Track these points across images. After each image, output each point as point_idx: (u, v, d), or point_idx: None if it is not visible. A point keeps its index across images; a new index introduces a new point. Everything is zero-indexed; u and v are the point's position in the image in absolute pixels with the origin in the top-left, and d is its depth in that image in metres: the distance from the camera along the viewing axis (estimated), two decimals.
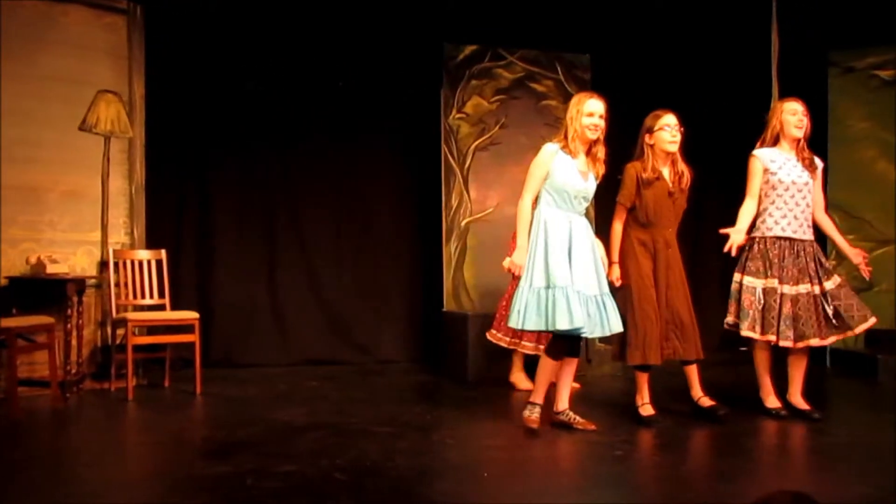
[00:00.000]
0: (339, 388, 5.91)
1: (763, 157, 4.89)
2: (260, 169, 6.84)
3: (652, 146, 4.75)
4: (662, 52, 7.41)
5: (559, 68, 7.18)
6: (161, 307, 5.96)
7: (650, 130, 4.75)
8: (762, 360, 4.98)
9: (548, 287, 4.34)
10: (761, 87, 6.86)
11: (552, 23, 7.13)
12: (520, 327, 4.45)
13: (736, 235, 4.78)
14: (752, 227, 4.98)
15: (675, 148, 4.72)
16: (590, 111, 4.47)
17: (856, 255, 4.99)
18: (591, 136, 4.49)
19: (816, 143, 6.82)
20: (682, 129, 4.74)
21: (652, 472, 4.04)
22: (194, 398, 5.56)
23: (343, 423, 4.72)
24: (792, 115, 4.88)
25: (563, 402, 4.67)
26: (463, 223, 7.02)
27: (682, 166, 4.80)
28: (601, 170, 4.58)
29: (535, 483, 3.83)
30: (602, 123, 4.49)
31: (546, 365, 4.54)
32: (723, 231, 4.81)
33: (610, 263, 4.81)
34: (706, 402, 4.88)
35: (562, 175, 4.44)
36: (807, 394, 5.04)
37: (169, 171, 6.55)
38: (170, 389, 5.84)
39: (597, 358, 6.36)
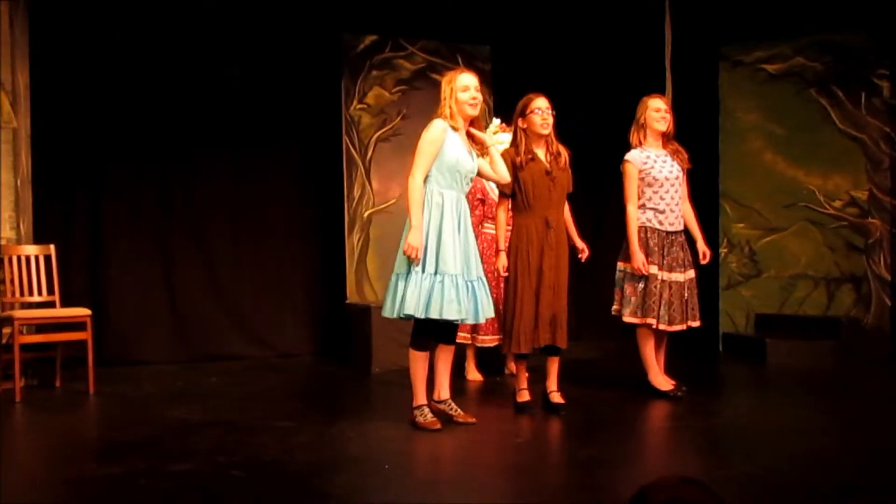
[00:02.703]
0: (239, 384, 5.81)
1: (636, 160, 5.12)
2: (154, 161, 6.64)
3: (525, 129, 4.75)
4: (561, 44, 7.51)
5: (460, 59, 7.20)
6: (51, 304, 5.74)
7: (522, 114, 4.74)
8: (648, 345, 5.15)
9: (435, 273, 4.24)
10: (656, 79, 7.04)
11: (452, 14, 7.15)
12: (419, 315, 4.23)
13: (639, 258, 5.01)
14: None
15: (546, 130, 4.71)
16: (464, 85, 4.37)
17: (702, 247, 5.25)
18: (471, 112, 4.40)
19: (707, 134, 7.10)
20: (553, 112, 4.73)
21: (550, 459, 4.11)
22: (87, 398, 5.37)
23: (242, 420, 4.64)
24: (655, 112, 5.15)
25: (444, 391, 4.60)
26: (365, 214, 6.99)
27: (556, 146, 4.79)
28: (483, 148, 4.51)
29: (437, 473, 3.85)
30: (480, 97, 4.42)
31: (417, 360, 4.41)
32: (627, 265, 5.08)
33: (497, 252, 4.81)
34: (556, 397, 4.85)
35: (454, 154, 4.32)
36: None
37: (57, 162, 6.30)
38: (61, 390, 5.63)
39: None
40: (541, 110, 4.70)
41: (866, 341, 6.57)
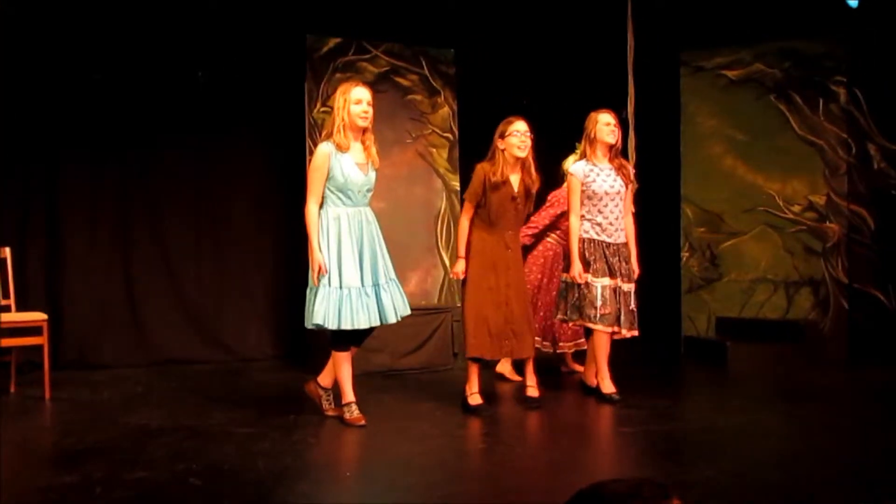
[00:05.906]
0: (200, 389, 5.73)
1: (578, 173, 5.20)
2: (113, 163, 6.53)
3: (503, 151, 4.89)
4: (525, 49, 7.53)
5: (424, 63, 7.19)
6: (6, 308, 5.62)
7: (502, 135, 4.90)
8: (600, 348, 5.19)
9: (340, 287, 4.46)
10: (618, 84, 7.07)
11: (416, 17, 7.12)
12: (325, 325, 4.48)
13: (577, 267, 5.08)
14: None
15: (524, 154, 4.88)
16: (357, 98, 4.53)
17: (634, 265, 5.29)
18: (362, 123, 4.56)
19: (668, 139, 7.15)
20: (532, 136, 4.90)
21: (510, 464, 4.10)
22: (43, 403, 5.27)
23: (201, 426, 4.58)
24: (605, 126, 5.25)
25: (328, 381, 4.86)
26: None
27: (534, 174, 4.97)
28: (377, 159, 4.67)
29: (399, 479, 3.82)
30: (371, 111, 4.57)
31: (340, 360, 4.67)
32: (567, 276, 5.18)
33: (457, 258, 4.99)
34: (532, 391, 5.08)
35: (341, 174, 4.51)
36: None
37: (12, 163, 6.17)
38: (16, 395, 5.51)
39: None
40: (519, 133, 4.85)
41: (825, 344, 6.66)
